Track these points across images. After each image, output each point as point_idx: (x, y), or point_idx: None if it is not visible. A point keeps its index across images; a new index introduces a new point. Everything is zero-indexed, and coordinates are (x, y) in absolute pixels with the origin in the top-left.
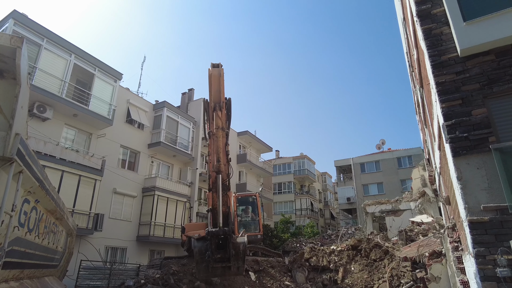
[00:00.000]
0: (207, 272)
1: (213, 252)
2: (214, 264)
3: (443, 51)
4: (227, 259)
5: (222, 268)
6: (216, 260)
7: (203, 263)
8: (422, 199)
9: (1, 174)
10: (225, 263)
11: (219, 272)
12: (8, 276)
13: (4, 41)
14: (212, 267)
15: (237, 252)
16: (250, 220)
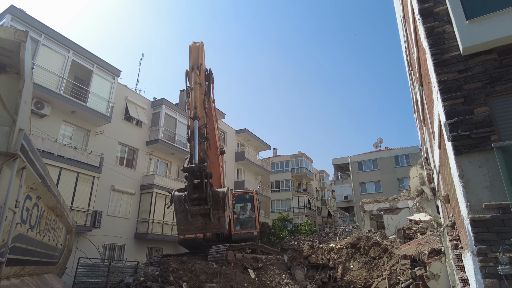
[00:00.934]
0: (187, 224)
1: (190, 192)
2: (192, 215)
3: (445, 49)
4: (204, 200)
5: (203, 219)
6: (193, 201)
7: (182, 212)
8: (420, 197)
9: (5, 170)
10: (203, 206)
11: (200, 225)
12: (9, 273)
13: (8, 34)
14: (192, 219)
15: (216, 201)
16: (247, 217)
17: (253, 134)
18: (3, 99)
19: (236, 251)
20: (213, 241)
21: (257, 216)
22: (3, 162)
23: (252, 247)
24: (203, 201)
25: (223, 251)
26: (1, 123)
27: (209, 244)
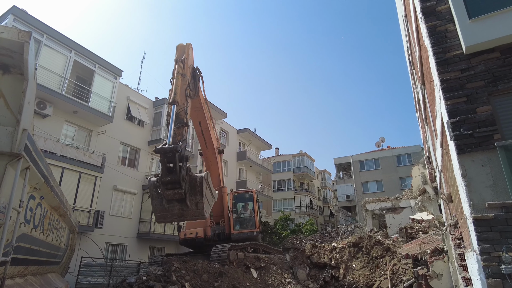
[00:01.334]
0: (164, 211)
1: (162, 174)
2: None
3: (447, 48)
4: (177, 184)
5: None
6: (166, 184)
7: (157, 198)
8: (422, 196)
9: (9, 170)
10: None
11: (177, 211)
12: (14, 273)
13: (12, 35)
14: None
15: (193, 186)
16: (247, 216)
17: (254, 133)
18: (7, 99)
19: (238, 250)
20: (214, 241)
21: (257, 215)
22: (7, 162)
23: (254, 247)
24: (176, 184)
25: (225, 251)
26: (4, 124)
27: (210, 243)
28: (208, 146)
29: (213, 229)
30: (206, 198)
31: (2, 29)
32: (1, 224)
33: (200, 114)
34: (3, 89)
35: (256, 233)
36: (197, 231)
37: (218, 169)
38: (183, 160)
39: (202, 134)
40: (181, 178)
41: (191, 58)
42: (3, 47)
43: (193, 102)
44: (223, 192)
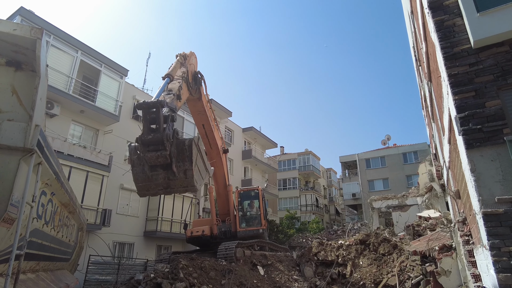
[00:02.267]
0: (146, 180)
1: (144, 133)
2: (152, 168)
3: (455, 42)
4: (161, 144)
5: (165, 173)
6: (148, 145)
7: (139, 165)
8: (429, 194)
9: (22, 165)
10: (160, 152)
11: (162, 180)
12: (26, 268)
13: (24, 32)
14: (151, 173)
15: (181, 150)
16: (253, 214)
17: (260, 132)
18: (20, 96)
19: (245, 248)
20: (220, 239)
21: (263, 212)
22: (21, 157)
23: (261, 244)
24: (160, 145)
25: (232, 249)
26: (18, 119)
27: (216, 241)
28: (212, 147)
29: (219, 227)
30: (197, 167)
31: (15, 26)
32: (15, 218)
33: (204, 117)
34: (16, 86)
35: (262, 230)
36: (203, 229)
37: (223, 168)
38: (168, 119)
39: (206, 136)
40: (166, 138)
41: (194, 62)
42: (15, 44)
43: (196, 105)
44: (229, 191)
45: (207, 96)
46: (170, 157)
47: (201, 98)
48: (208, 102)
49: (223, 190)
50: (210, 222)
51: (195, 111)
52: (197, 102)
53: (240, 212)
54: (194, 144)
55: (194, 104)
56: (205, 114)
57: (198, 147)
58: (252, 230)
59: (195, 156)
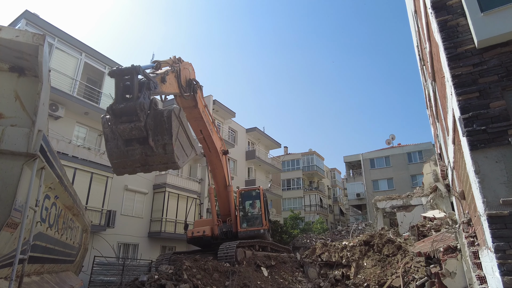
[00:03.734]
0: (121, 155)
1: (116, 101)
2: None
3: (459, 43)
4: (135, 114)
5: (141, 148)
6: (121, 115)
7: (113, 139)
8: (433, 194)
9: (25, 170)
10: (134, 123)
11: (138, 156)
12: (30, 270)
13: (26, 38)
14: (126, 148)
15: (159, 122)
16: (255, 214)
17: (263, 132)
18: (23, 101)
19: (246, 248)
20: (221, 239)
21: (264, 212)
22: (24, 162)
23: (262, 244)
24: (133, 115)
25: (233, 249)
26: (21, 125)
27: (217, 242)
28: (211, 150)
29: (221, 227)
30: (179, 141)
31: (17, 33)
32: (19, 223)
33: (201, 123)
34: (19, 91)
35: (263, 231)
36: (204, 229)
37: (223, 170)
38: (144, 87)
39: (204, 141)
40: (140, 106)
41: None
42: (18, 50)
43: (192, 113)
44: (229, 191)
45: (203, 100)
46: (146, 130)
47: (197, 105)
48: (205, 107)
49: (223, 190)
50: (211, 222)
51: (191, 118)
52: (193, 109)
53: (241, 212)
54: (174, 115)
55: (190, 111)
56: (202, 121)
57: (179, 119)
58: (253, 231)
59: (176, 129)
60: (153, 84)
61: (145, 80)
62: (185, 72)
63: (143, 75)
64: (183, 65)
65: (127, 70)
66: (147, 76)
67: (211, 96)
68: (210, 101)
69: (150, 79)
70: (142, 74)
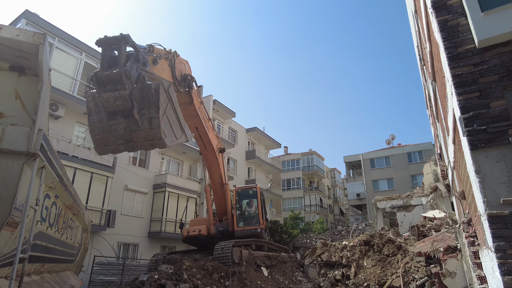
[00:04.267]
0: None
1: (101, 68)
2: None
3: (459, 42)
4: (120, 82)
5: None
6: (105, 84)
7: (97, 113)
8: (434, 194)
9: (26, 169)
10: (118, 92)
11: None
12: (30, 270)
13: (27, 37)
14: (110, 122)
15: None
16: (251, 213)
17: (263, 132)
18: (23, 100)
19: (242, 247)
20: (217, 238)
21: (261, 211)
22: (24, 161)
23: (258, 244)
24: (119, 83)
25: (228, 250)
26: (21, 124)
27: (213, 241)
28: (207, 148)
29: (217, 226)
30: (167, 117)
31: (17, 32)
32: (19, 222)
33: (197, 120)
34: (19, 90)
35: (260, 230)
36: (200, 228)
37: (219, 168)
38: (132, 57)
39: (200, 138)
40: (125, 74)
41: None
42: (19, 49)
43: (188, 109)
44: (226, 190)
45: (198, 97)
46: (131, 100)
47: (193, 102)
48: (201, 103)
49: (220, 189)
50: (207, 221)
51: (187, 115)
52: (188, 106)
53: (237, 211)
54: (162, 88)
55: (186, 108)
56: (198, 118)
57: (168, 94)
58: (250, 230)
59: (164, 104)
60: (142, 57)
61: (134, 52)
62: (181, 66)
63: (132, 46)
64: (179, 60)
65: (115, 39)
66: (136, 47)
67: (211, 96)
68: (210, 101)
69: (139, 51)
70: (131, 44)
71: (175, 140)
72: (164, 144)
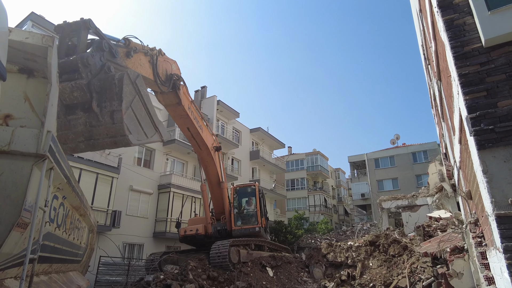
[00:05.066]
0: (62, 127)
1: (59, 55)
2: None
3: (466, 41)
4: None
5: (85, 116)
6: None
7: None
8: (439, 194)
9: (35, 170)
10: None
11: (81, 127)
12: (39, 270)
13: (36, 40)
14: (69, 117)
15: (108, 86)
16: (250, 212)
17: (267, 132)
18: (32, 102)
19: (241, 247)
20: (215, 238)
21: (259, 210)
22: (33, 163)
23: (258, 243)
24: (75, 72)
25: (226, 248)
26: (30, 126)
27: (211, 240)
28: (202, 147)
29: (214, 225)
30: (133, 112)
31: (27, 35)
32: (29, 223)
33: (187, 120)
34: (28, 93)
35: (258, 228)
36: (197, 227)
37: (215, 166)
38: (94, 45)
39: (193, 138)
40: (82, 61)
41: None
42: (27, 51)
43: (177, 110)
44: (223, 188)
45: (188, 96)
46: (90, 91)
47: (181, 102)
48: (191, 103)
49: (217, 187)
50: (204, 221)
51: (176, 116)
52: (176, 107)
53: (235, 209)
54: (127, 79)
55: (174, 109)
56: (188, 118)
57: (136, 85)
58: (248, 229)
59: (129, 96)
60: (106, 45)
61: (97, 39)
62: (166, 65)
63: (95, 33)
64: (164, 58)
65: (74, 24)
66: (100, 35)
67: (215, 97)
68: (214, 102)
69: (104, 38)
70: (94, 31)
71: (144, 139)
72: (128, 141)
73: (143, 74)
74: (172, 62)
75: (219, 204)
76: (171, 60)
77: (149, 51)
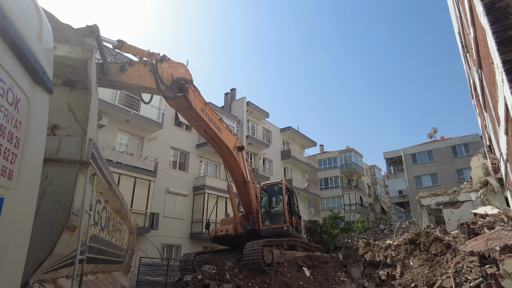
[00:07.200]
0: None
1: None
2: None
3: (509, 25)
4: None
5: None
6: None
7: None
8: (484, 189)
9: (80, 177)
10: None
11: None
12: (87, 270)
13: (76, 54)
14: None
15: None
16: (278, 211)
17: (298, 131)
18: (75, 112)
19: (274, 247)
20: (246, 237)
21: (287, 208)
22: (78, 169)
23: (291, 243)
24: None
25: (259, 249)
26: (74, 135)
27: (242, 240)
28: (223, 148)
29: (244, 225)
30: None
31: (69, 49)
32: (77, 226)
33: (202, 123)
34: (72, 103)
35: (286, 228)
36: (227, 228)
37: (239, 166)
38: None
39: (212, 140)
40: None
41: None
42: (70, 65)
43: (189, 113)
44: (249, 188)
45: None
46: None
47: (192, 106)
48: (205, 105)
49: (243, 187)
50: (233, 221)
51: (190, 119)
52: (188, 110)
53: (262, 209)
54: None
55: (187, 112)
56: (203, 121)
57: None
58: (276, 228)
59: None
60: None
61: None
62: (171, 70)
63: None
64: (170, 63)
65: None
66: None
67: (245, 98)
68: (244, 103)
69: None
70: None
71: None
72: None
73: (143, 85)
74: (178, 66)
75: (247, 204)
76: (177, 64)
77: (148, 60)
